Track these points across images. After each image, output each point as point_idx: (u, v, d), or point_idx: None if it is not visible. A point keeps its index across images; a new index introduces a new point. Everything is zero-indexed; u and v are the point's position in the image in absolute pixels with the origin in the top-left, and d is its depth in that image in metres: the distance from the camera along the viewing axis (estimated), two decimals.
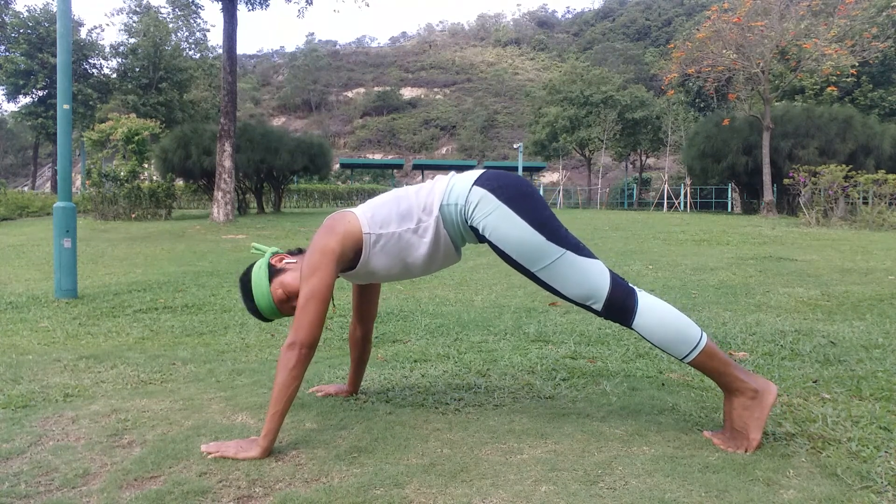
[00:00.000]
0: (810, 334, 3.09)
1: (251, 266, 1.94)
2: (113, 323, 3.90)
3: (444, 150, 74.35)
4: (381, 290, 2.20)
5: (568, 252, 1.70)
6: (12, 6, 31.38)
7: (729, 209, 25.39)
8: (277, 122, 70.80)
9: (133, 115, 18.19)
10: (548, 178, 55.09)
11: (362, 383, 2.29)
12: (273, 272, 1.89)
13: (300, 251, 1.96)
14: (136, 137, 15.17)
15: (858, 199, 13.04)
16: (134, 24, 33.49)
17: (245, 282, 1.92)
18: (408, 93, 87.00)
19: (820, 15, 17.29)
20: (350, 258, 1.81)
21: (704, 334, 1.71)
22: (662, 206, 25.02)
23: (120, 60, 33.23)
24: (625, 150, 36.50)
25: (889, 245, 8.00)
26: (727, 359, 1.71)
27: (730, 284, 5.00)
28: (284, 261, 1.91)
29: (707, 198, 27.87)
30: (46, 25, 29.58)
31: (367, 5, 17.43)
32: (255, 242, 2.06)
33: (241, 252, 8.39)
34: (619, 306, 1.71)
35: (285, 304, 1.87)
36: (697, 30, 19.16)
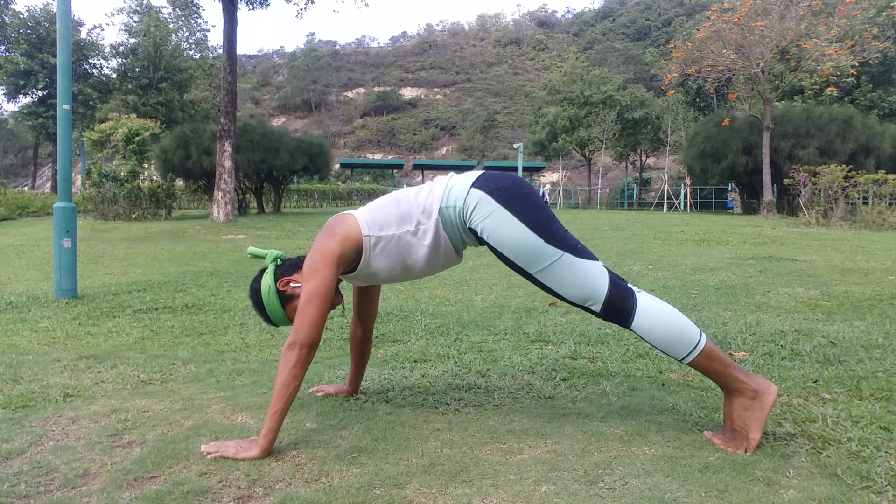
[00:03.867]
0: (810, 334, 3.09)
1: (259, 278, 1.91)
2: (113, 323, 3.91)
3: (444, 151, 74.32)
4: (381, 290, 2.20)
5: (566, 254, 1.70)
6: (12, 6, 31.38)
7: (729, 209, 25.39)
8: (277, 122, 70.76)
9: (133, 116, 18.18)
10: (548, 178, 55.04)
11: (362, 383, 2.29)
12: (284, 300, 1.86)
13: (301, 260, 1.91)
14: (137, 138, 15.17)
15: (858, 199, 13.05)
16: (134, 24, 33.47)
17: (258, 302, 1.90)
18: (408, 93, 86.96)
19: (820, 15, 17.29)
20: (351, 260, 1.81)
21: (704, 335, 1.71)
22: (662, 206, 25.02)
23: (120, 60, 33.24)
24: (625, 150, 36.48)
25: (889, 245, 8.00)
26: (727, 359, 1.71)
27: (730, 284, 5.00)
28: (292, 284, 1.86)
29: (707, 198, 27.87)
30: (46, 25, 29.57)
31: (367, 5, 17.43)
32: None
33: (241, 252, 8.38)
34: (618, 308, 1.71)
35: None
36: (697, 30, 19.14)
